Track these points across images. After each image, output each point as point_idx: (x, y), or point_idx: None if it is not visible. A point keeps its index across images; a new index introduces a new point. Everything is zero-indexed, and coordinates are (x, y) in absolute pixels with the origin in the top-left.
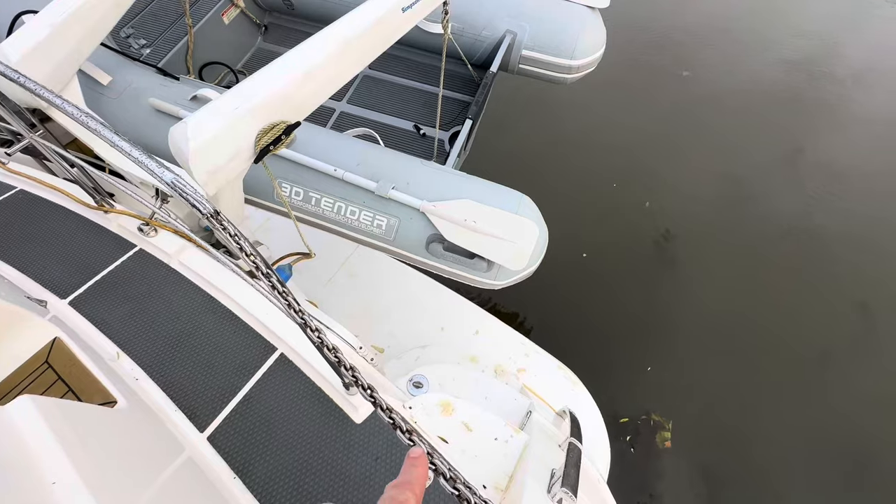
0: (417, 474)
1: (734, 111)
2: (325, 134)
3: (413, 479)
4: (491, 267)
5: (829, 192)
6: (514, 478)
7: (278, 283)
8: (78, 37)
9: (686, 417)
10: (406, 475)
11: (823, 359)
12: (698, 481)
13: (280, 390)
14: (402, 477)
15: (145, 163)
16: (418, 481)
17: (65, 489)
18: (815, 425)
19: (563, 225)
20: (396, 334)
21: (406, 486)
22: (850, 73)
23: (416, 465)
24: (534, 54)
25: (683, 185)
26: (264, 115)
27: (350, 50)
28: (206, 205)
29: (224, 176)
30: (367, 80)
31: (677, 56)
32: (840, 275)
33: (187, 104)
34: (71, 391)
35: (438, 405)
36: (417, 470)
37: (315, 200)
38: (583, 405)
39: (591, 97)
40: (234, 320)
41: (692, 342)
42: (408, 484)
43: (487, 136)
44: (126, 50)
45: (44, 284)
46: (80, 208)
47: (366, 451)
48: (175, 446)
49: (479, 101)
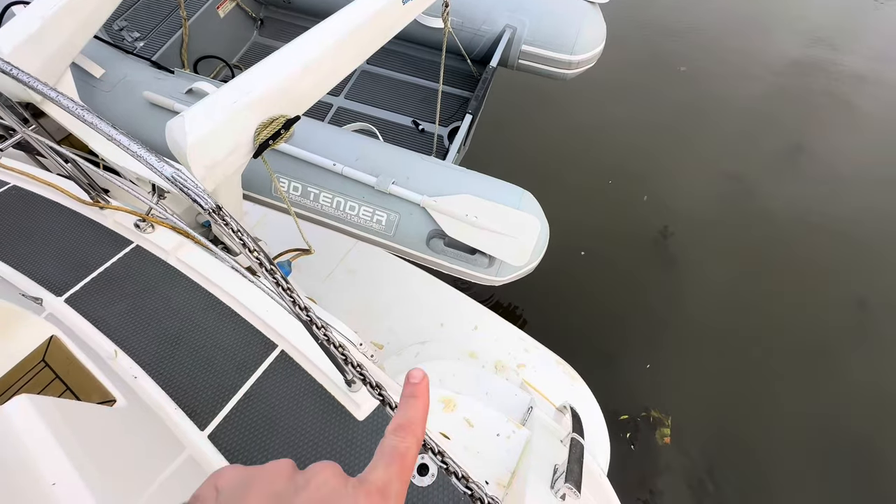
0: (418, 409)
1: (733, 107)
2: (323, 128)
3: (413, 417)
4: (492, 263)
5: (827, 188)
6: (517, 474)
7: (282, 279)
8: (70, 29)
9: (685, 414)
10: (405, 411)
11: (823, 355)
12: (698, 477)
13: (281, 388)
14: (401, 414)
15: (144, 157)
16: (420, 416)
17: (66, 490)
18: (814, 421)
19: (562, 221)
20: (396, 330)
21: (407, 428)
22: (852, 69)
23: (417, 395)
24: (533, 49)
25: (682, 181)
26: (263, 109)
27: (349, 43)
28: (208, 200)
29: (222, 171)
30: (365, 75)
31: (675, 51)
32: (839, 271)
33: (183, 98)
34: (69, 390)
35: (440, 401)
36: (418, 403)
37: (314, 196)
38: (582, 400)
39: (590, 93)
40: (233, 317)
41: (691, 339)
42: (409, 425)
43: (486, 131)
44: (119, 43)
45: (39, 282)
46: (74, 204)
47: (368, 449)
48: (175, 445)
49: (479, 97)
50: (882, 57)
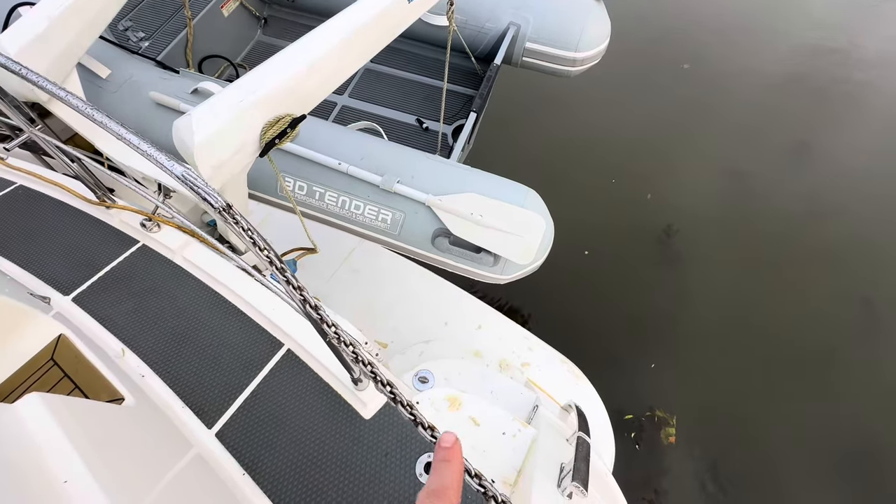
0: (453, 473)
1: (736, 103)
2: (328, 127)
3: (448, 481)
4: (497, 261)
5: (832, 186)
6: (523, 472)
7: (293, 277)
8: (76, 29)
9: (690, 413)
10: (439, 476)
11: (828, 354)
12: (703, 476)
13: (288, 386)
14: (436, 480)
15: (154, 156)
16: (455, 482)
17: (77, 488)
18: (821, 419)
19: (566, 219)
20: (399, 329)
21: (442, 495)
22: (859, 62)
23: (450, 458)
24: (538, 47)
25: (686, 179)
26: (269, 108)
27: (355, 42)
28: (218, 199)
29: (229, 170)
30: (368, 74)
31: (679, 48)
32: (844, 270)
33: (188, 98)
34: (78, 388)
35: (446, 400)
36: (452, 467)
37: (319, 195)
38: (587, 399)
39: (594, 91)
40: (239, 316)
41: (696, 337)
42: (443, 490)
43: (490, 130)
44: (124, 43)
45: (46, 281)
46: (81, 204)
47: (376, 447)
48: (183, 443)
49: (483, 94)
50: (891, 50)
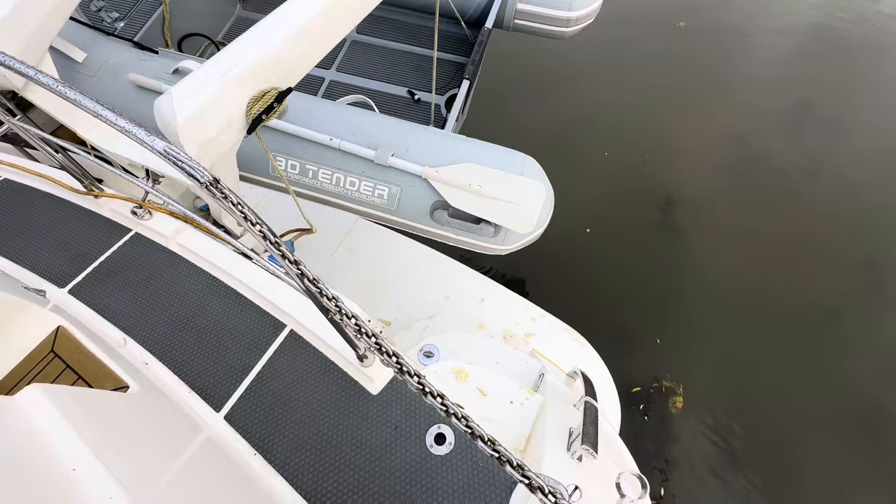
0: None
1: (735, 63)
2: (317, 103)
3: None
4: (498, 231)
5: (834, 147)
6: (532, 439)
7: (288, 252)
8: (45, 10)
9: (697, 380)
10: None
11: (833, 316)
12: (712, 443)
13: (293, 366)
14: None
15: (133, 131)
16: None
17: (86, 475)
18: (826, 382)
19: (565, 191)
20: (402, 306)
21: None
22: (862, 19)
23: None
24: (529, 7)
25: (685, 145)
26: (254, 82)
27: (338, 6)
28: (203, 173)
29: (216, 149)
30: (355, 46)
31: (674, 6)
32: (847, 232)
33: (169, 78)
34: (81, 378)
35: (452, 372)
36: None
37: (312, 173)
38: (591, 364)
39: (587, 54)
40: (239, 299)
41: (701, 307)
42: None
43: (483, 100)
44: (98, 24)
45: (40, 274)
46: (68, 195)
47: (384, 421)
48: (192, 427)
49: (475, 61)
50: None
